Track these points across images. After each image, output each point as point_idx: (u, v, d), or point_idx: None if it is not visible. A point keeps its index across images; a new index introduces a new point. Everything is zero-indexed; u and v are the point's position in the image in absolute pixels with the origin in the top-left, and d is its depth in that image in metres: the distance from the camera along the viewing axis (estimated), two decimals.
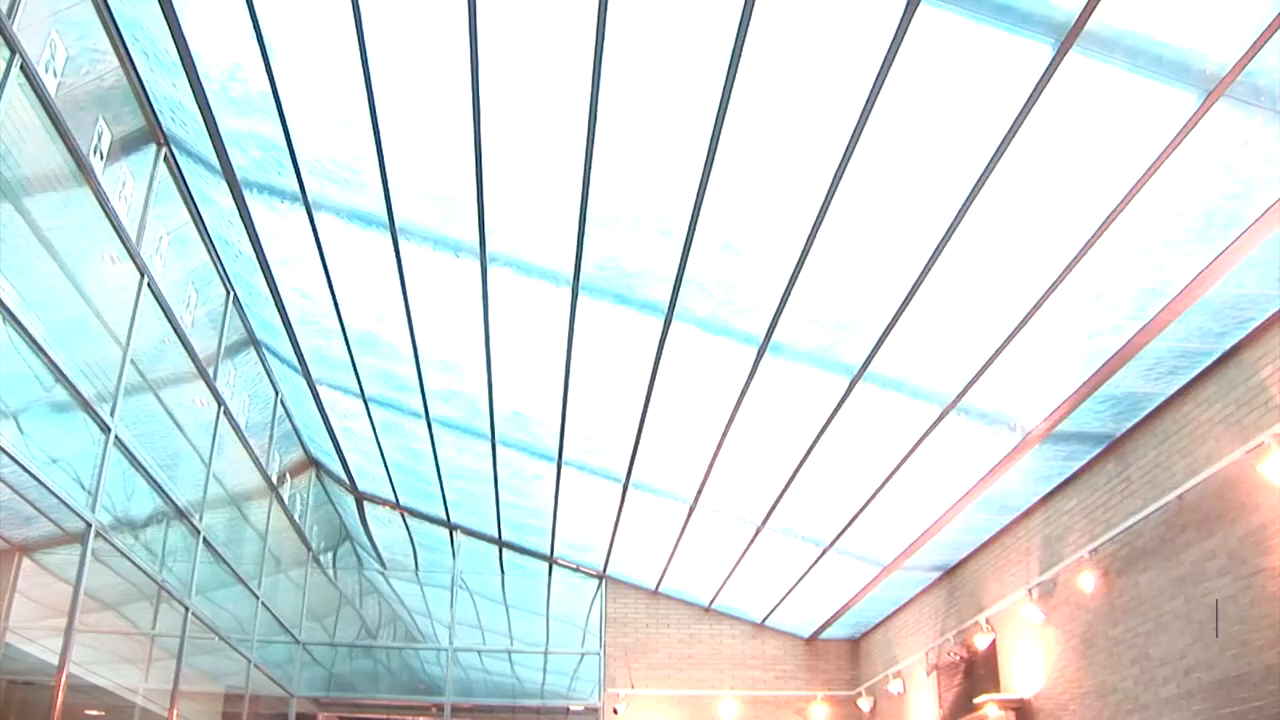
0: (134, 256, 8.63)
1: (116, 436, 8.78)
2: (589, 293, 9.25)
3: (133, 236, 8.52)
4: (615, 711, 16.15)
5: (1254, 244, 6.74)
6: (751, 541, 13.58)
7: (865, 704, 15.90)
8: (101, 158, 7.71)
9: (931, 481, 10.92)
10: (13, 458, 7.28)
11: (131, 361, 8.98)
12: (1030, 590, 10.76)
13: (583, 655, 17.29)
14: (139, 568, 9.83)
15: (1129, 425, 9.19)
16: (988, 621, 11.79)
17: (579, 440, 12.40)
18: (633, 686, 16.30)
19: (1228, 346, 7.86)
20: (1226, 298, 7.33)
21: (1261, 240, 6.69)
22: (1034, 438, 9.55)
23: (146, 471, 9.68)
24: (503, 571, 17.36)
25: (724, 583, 15.55)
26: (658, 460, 12.34)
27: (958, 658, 12.77)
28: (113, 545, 9.13)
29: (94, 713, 12.71)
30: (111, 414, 8.72)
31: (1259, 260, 6.88)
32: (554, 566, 17.16)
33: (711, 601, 16.65)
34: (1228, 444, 7.87)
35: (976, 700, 11.65)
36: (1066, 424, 9.26)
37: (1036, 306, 7.84)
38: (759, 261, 8.37)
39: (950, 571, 13.19)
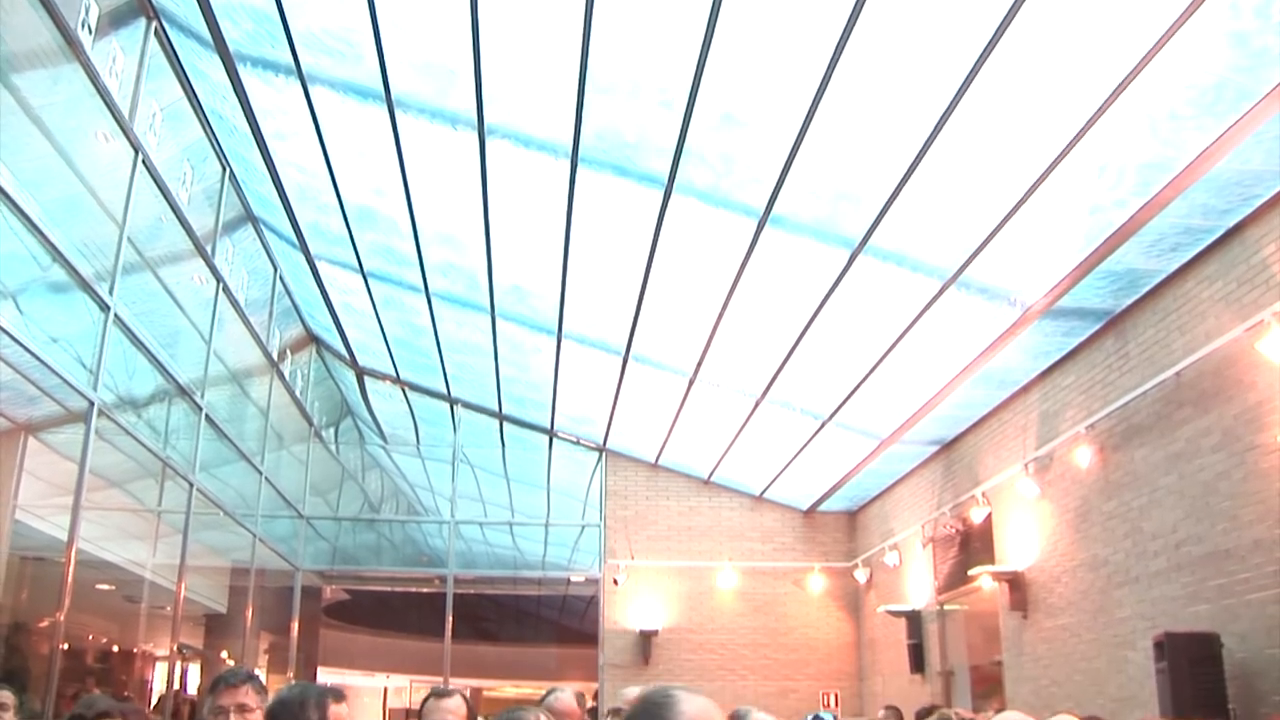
0: (127, 133, 8.52)
1: (116, 315, 8.76)
2: (588, 164, 9.14)
3: (125, 113, 8.39)
4: (615, 582, 16.42)
5: (1262, 119, 6.63)
6: (750, 414, 13.65)
7: (862, 575, 16.18)
8: (90, 32, 7.55)
9: (930, 356, 10.93)
10: (13, 337, 7.29)
11: (128, 240, 8.92)
12: (1026, 465, 10.86)
13: (583, 527, 17.54)
14: (143, 445, 9.91)
15: (1129, 302, 9.17)
16: (984, 495, 11.92)
17: (579, 313, 12.39)
18: (632, 558, 16.55)
19: (1231, 224, 7.80)
20: (1232, 174, 7.24)
21: (1270, 116, 6.58)
22: (1033, 313, 9.53)
23: (147, 350, 9.69)
24: (503, 445, 17.49)
25: (723, 455, 15.69)
26: (658, 333, 12.34)
27: (953, 530, 12.94)
28: (116, 423, 9.18)
29: (105, 587, 12.97)
30: (110, 293, 8.69)
31: (1266, 136, 6.78)
32: (554, 440, 17.27)
33: (710, 474, 16.83)
34: (1227, 321, 7.86)
35: (971, 572, 11.84)
36: (1066, 300, 9.23)
37: (1040, 180, 7.74)
38: (760, 133, 8.25)
39: (947, 446, 13.31)
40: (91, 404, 8.54)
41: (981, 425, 12.30)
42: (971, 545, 12.43)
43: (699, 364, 12.63)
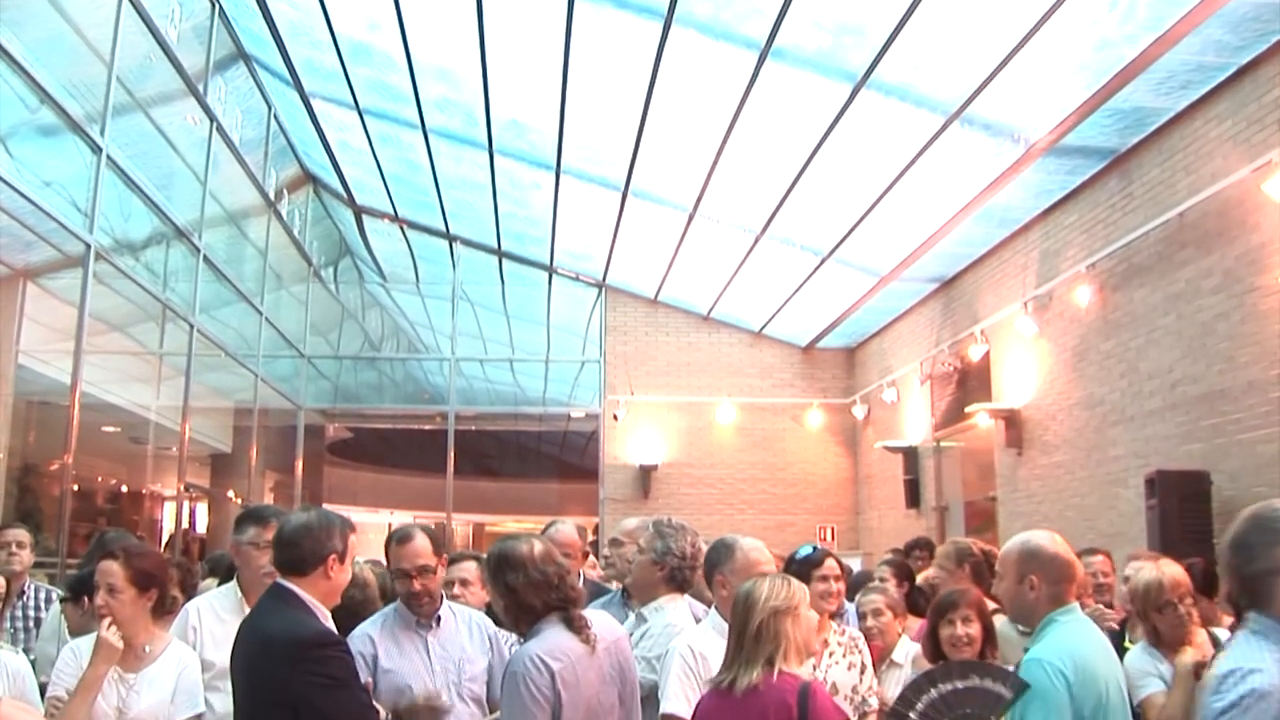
0: None
1: (109, 157, 8.67)
2: None
3: None
4: (615, 418, 16.58)
5: None
6: (750, 250, 13.60)
7: (860, 412, 16.34)
8: None
9: (932, 193, 10.84)
10: (6, 182, 7.21)
11: (118, 79, 8.76)
12: (1025, 303, 10.86)
13: (583, 363, 17.64)
14: (142, 288, 9.91)
15: (1135, 140, 9.04)
16: (982, 333, 11.95)
17: (577, 148, 12.23)
18: (632, 393, 16.68)
19: (1244, 61, 7.62)
20: (1249, 8, 7.05)
21: None
22: (1037, 150, 9.40)
23: (142, 192, 9.61)
24: (503, 282, 17.48)
25: (723, 291, 15.68)
26: (657, 168, 12.20)
27: (951, 368, 13.03)
28: (114, 266, 9.16)
29: (110, 429, 13.11)
30: (101, 134, 8.58)
31: None
32: (554, 276, 17.25)
33: (710, 310, 16.84)
34: (1235, 161, 7.75)
35: (968, 409, 11.96)
36: (1071, 137, 9.10)
37: (1049, 14, 7.52)
38: None
39: (947, 283, 13.29)
40: (88, 247, 8.51)
41: (981, 263, 12.26)
42: (969, 383, 12.53)
43: (699, 199, 12.52)
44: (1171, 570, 4.82)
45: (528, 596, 3.68)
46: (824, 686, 3.78)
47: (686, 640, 4.36)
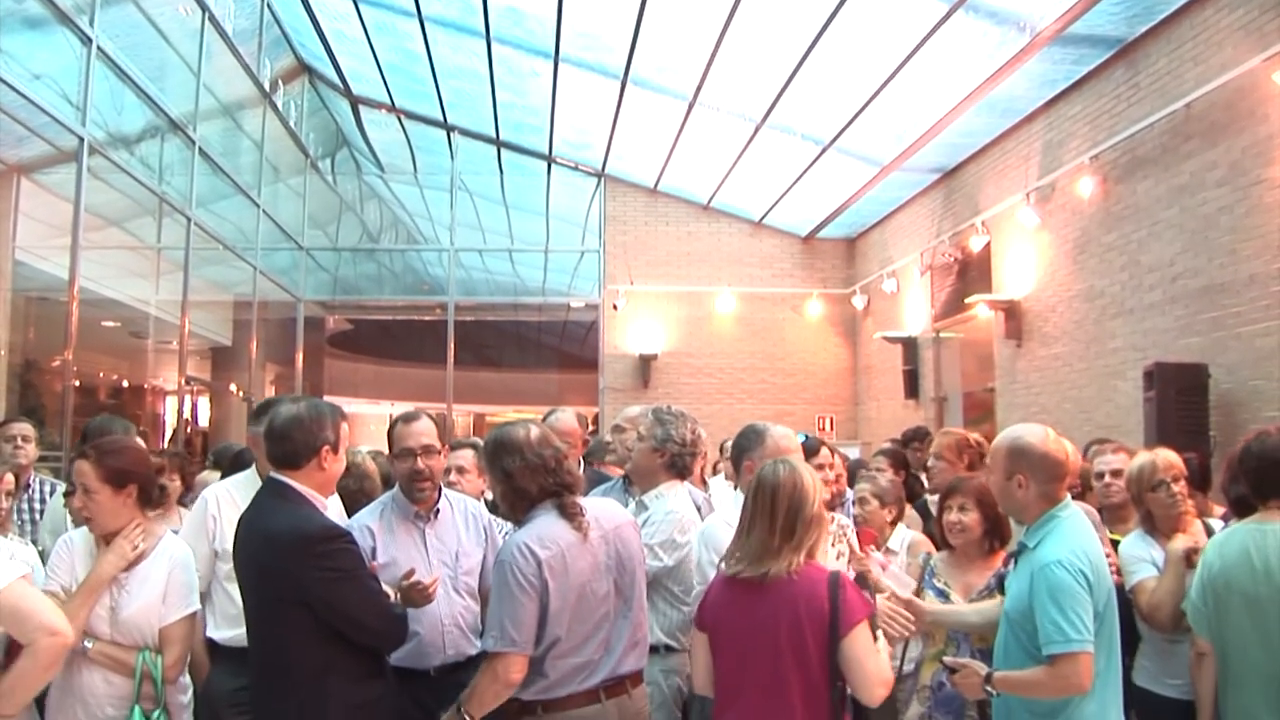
0: None
1: (99, 48, 8.54)
2: None
3: None
4: (615, 307, 16.56)
5: None
6: (751, 139, 13.45)
7: (859, 302, 16.33)
8: None
9: (934, 82, 10.68)
10: None
11: None
12: (1028, 194, 10.78)
13: (582, 253, 17.57)
14: (138, 181, 9.83)
15: (1143, 29, 8.88)
16: (983, 224, 11.89)
17: (576, 36, 12.03)
18: (632, 283, 16.64)
19: None
20: None
21: None
22: (1043, 39, 9.25)
23: (135, 84, 9.48)
24: (501, 172, 17.33)
25: (723, 181, 15.55)
26: (657, 56, 12.02)
27: (952, 259, 12.98)
28: (109, 160, 9.08)
29: (110, 324, 13.11)
30: (91, 24, 8.44)
31: None
32: (553, 165, 17.09)
33: (710, 200, 16.72)
34: (1245, 51, 7.62)
35: (968, 300, 11.94)
36: (1078, 26, 8.94)
37: None
38: None
39: (948, 174, 13.18)
40: (81, 140, 8.43)
41: (984, 154, 12.14)
42: (969, 274, 12.49)
43: (699, 88, 12.35)
44: (1166, 453, 4.85)
45: (523, 481, 3.70)
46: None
47: (722, 517, 4.41)
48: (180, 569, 3.95)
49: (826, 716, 3.34)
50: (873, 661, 3.39)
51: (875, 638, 3.46)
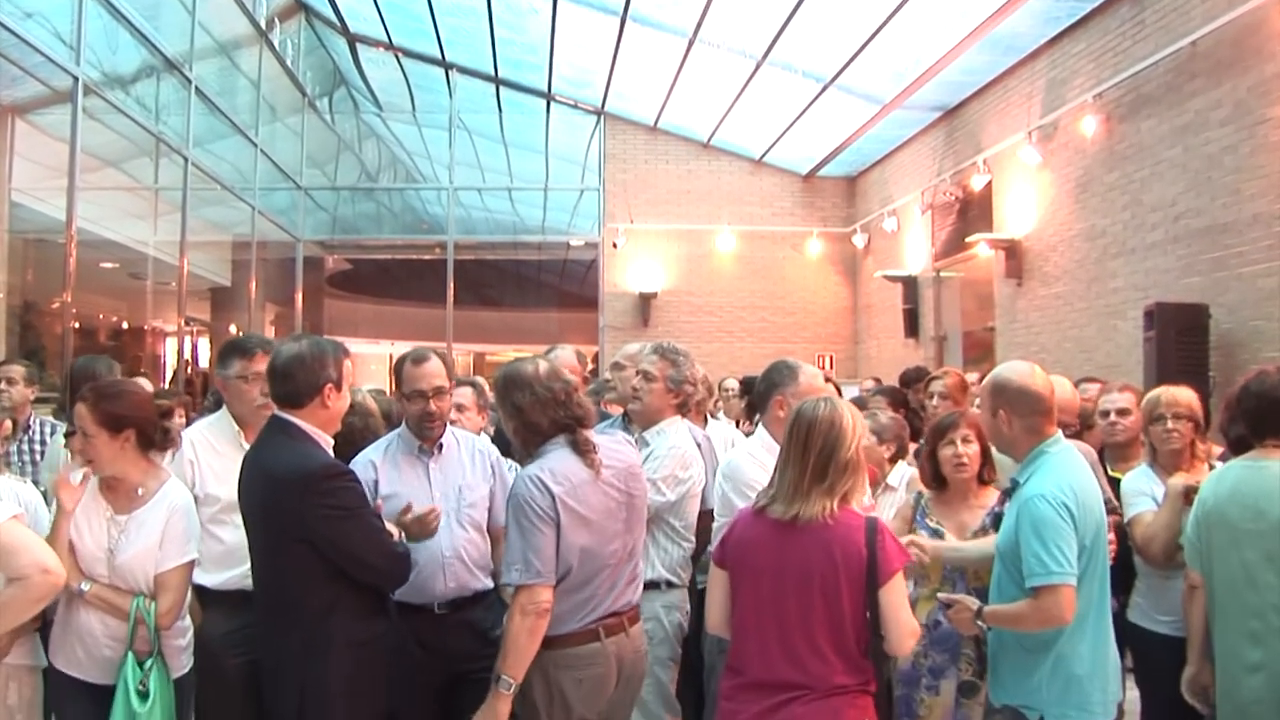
0: None
1: None
2: None
3: None
4: (615, 246, 16.51)
5: None
6: (751, 77, 13.35)
7: (860, 241, 16.28)
8: None
9: (936, 18, 10.60)
10: None
11: None
12: (1030, 133, 10.71)
13: (582, 191, 17.51)
14: (134, 121, 9.77)
15: None
16: (985, 163, 11.83)
17: None
18: (631, 221, 16.57)
19: None
20: None
21: None
22: None
23: (129, 22, 9.38)
24: (500, 110, 17.19)
25: (723, 118, 15.45)
26: None
27: (953, 198, 12.92)
28: (104, 100, 9.01)
29: (109, 265, 13.07)
30: None
31: None
32: (552, 103, 16.95)
33: (710, 137, 16.62)
34: None
35: (969, 239, 11.90)
36: None
37: None
38: None
39: (950, 112, 13.08)
40: (76, 80, 8.36)
41: (986, 92, 12.04)
42: (970, 213, 12.45)
43: (699, 24, 12.23)
44: (1177, 391, 4.84)
45: (535, 415, 3.68)
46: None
47: (746, 451, 4.41)
48: (179, 515, 3.92)
49: (850, 665, 3.31)
50: (906, 612, 3.36)
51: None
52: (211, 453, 4.26)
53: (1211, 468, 4.61)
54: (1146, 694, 4.88)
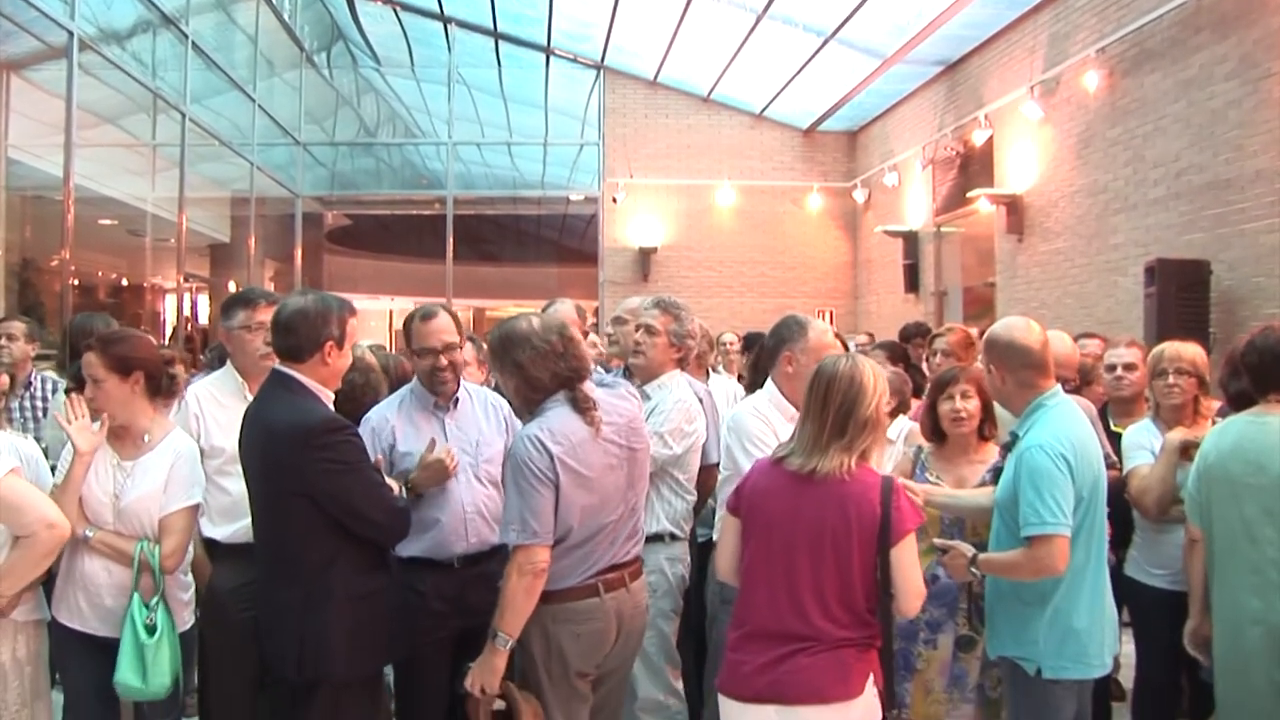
0: None
1: None
2: None
3: None
4: (614, 201, 16.46)
5: None
6: (751, 30, 13.25)
7: (860, 196, 16.22)
8: None
9: None
10: None
11: None
12: (1032, 88, 10.65)
13: (581, 146, 17.43)
14: (131, 77, 9.71)
15: None
16: (986, 118, 11.77)
17: None
18: (631, 176, 16.50)
19: None
20: None
21: None
22: None
23: None
24: (499, 64, 17.09)
25: (723, 73, 15.35)
26: None
27: (954, 153, 12.87)
28: (101, 55, 8.95)
29: (107, 222, 13.03)
30: None
31: None
32: (551, 57, 16.85)
33: (710, 92, 16.52)
34: None
35: (970, 194, 11.86)
36: None
37: None
38: None
39: (952, 67, 13.00)
40: (71, 35, 8.31)
41: (988, 46, 11.96)
42: (971, 168, 12.40)
43: None
44: (1181, 345, 4.87)
45: (536, 370, 3.65)
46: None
47: (752, 405, 4.42)
48: (184, 461, 3.98)
49: (856, 620, 3.32)
50: (916, 572, 3.37)
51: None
52: (216, 405, 4.29)
53: (1213, 424, 4.63)
54: (1141, 647, 4.94)
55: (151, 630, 3.82)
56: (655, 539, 4.52)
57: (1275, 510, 3.80)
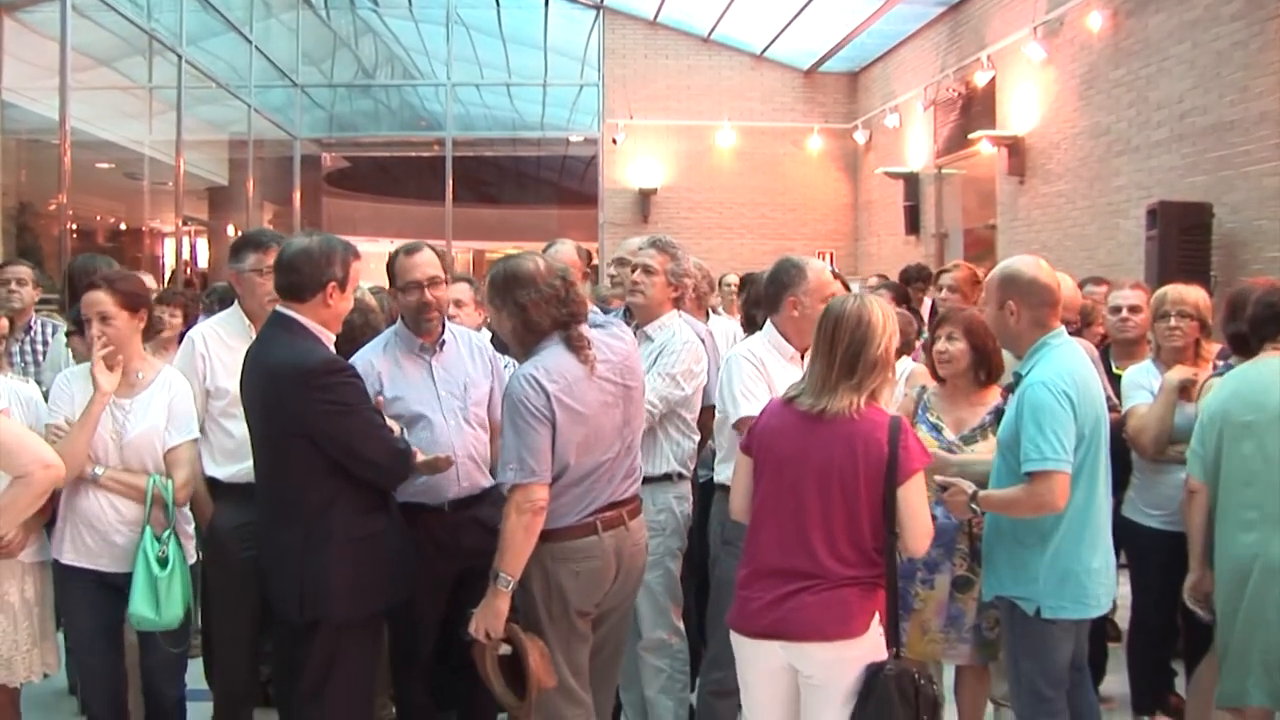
0: None
1: None
2: None
3: None
4: (614, 142, 16.40)
5: None
6: None
7: (861, 137, 16.15)
8: None
9: None
10: None
11: None
12: (1035, 28, 10.56)
13: (581, 87, 17.32)
14: (125, 18, 9.62)
15: None
16: (989, 59, 11.67)
17: None
18: (631, 117, 16.41)
19: None
20: None
21: None
22: None
23: None
24: (498, 4, 16.89)
25: (724, 12, 15.21)
26: None
27: (955, 94, 12.80)
28: None
29: (105, 165, 12.97)
30: None
31: None
32: None
33: (710, 32, 16.38)
34: None
35: (971, 136, 11.80)
36: None
37: None
38: None
39: (954, 7, 12.87)
40: None
41: None
42: (973, 109, 12.34)
43: None
44: (1185, 288, 4.89)
45: (537, 314, 3.64)
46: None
47: (747, 347, 4.43)
48: (180, 397, 4.05)
49: (863, 559, 3.33)
50: (924, 512, 3.39)
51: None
52: (222, 347, 4.27)
53: (1214, 367, 4.66)
54: (1137, 587, 4.99)
55: (164, 563, 3.88)
56: (664, 479, 4.54)
57: (1270, 446, 3.85)
